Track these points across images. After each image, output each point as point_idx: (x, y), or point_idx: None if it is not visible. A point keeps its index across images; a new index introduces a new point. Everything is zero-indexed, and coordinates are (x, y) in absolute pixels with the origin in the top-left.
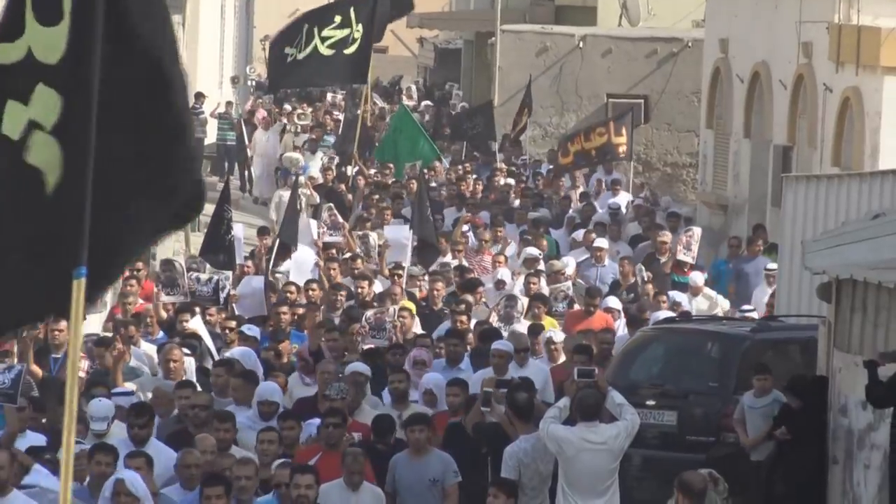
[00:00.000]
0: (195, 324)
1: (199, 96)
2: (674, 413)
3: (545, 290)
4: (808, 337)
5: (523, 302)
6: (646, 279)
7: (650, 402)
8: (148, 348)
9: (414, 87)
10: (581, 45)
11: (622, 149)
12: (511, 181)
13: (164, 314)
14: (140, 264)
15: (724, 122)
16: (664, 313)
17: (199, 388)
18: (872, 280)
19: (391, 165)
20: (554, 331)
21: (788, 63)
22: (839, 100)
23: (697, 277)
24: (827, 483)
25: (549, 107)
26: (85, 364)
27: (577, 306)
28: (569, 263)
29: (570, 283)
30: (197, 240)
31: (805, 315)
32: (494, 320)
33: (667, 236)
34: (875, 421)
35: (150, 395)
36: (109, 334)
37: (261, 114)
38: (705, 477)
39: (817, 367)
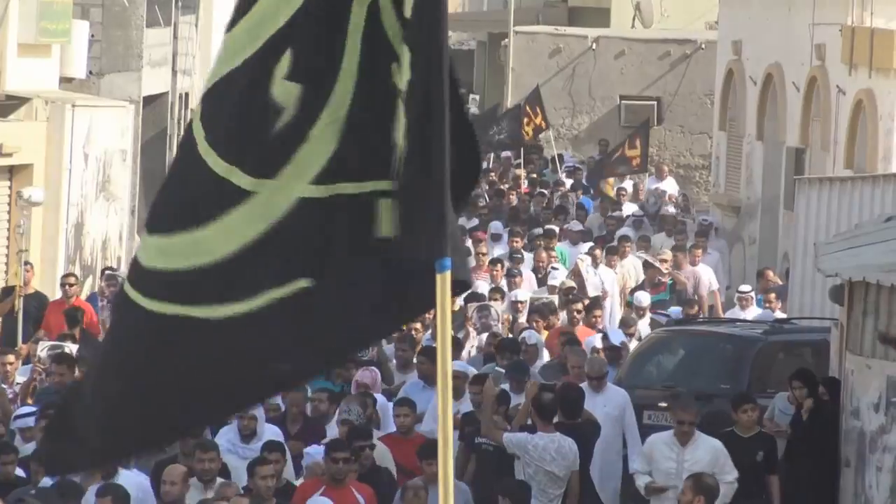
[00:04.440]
0: None
1: None
2: None
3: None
4: (821, 339)
5: (497, 310)
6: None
7: (662, 404)
8: None
9: None
10: (594, 46)
11: (635, 161)
12: (541, 190)
13: None
14: (72, 278)
15: (736, 123)
16: (596, 338)
17: None
18: (885, 282)
19: None
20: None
21: (801, 65)
22: (852, 102)
23: (643, 297)
24: (839, 486)
25: (561, 108)
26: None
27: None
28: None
29: (554, 296)
30: None
31: (817, 317)
32: (473, 335)
33: (666, 254)
34: (887, 423)
35: None
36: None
37: None
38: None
39: (829, 370)
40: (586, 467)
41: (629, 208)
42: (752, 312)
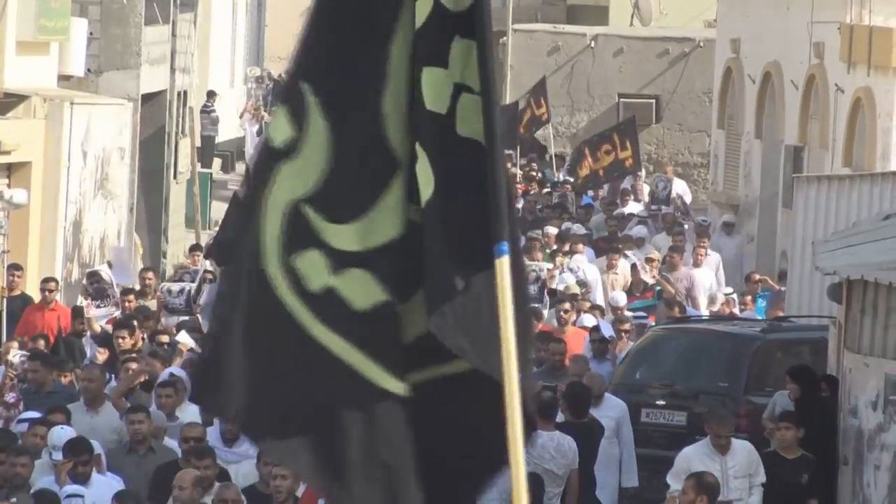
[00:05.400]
0: (183, 338)
1: (212, 95)
2: (683, 413)
3: None
4: (819, 337)
5: None
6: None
7: (660, 402)
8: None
9: None
10: (593, 44)
11: (628, 162)
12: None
13: (97, 328)
14: (52, 283)
15: (735, 122)
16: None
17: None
18: (883, 281)
19: None
20: None
21: (800, 63)
22: (851, 100)
23: (619, 297)
24: (837, 484)
25: (560, 106)
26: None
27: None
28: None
29: (542, 264)
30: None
31: (815, 315)
32: None
33: (654, 253)
34: (885, 422)
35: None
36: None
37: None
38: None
39: (827, 368)
40: (591, 466)
41: (633, 208)
42: (744, 314)
